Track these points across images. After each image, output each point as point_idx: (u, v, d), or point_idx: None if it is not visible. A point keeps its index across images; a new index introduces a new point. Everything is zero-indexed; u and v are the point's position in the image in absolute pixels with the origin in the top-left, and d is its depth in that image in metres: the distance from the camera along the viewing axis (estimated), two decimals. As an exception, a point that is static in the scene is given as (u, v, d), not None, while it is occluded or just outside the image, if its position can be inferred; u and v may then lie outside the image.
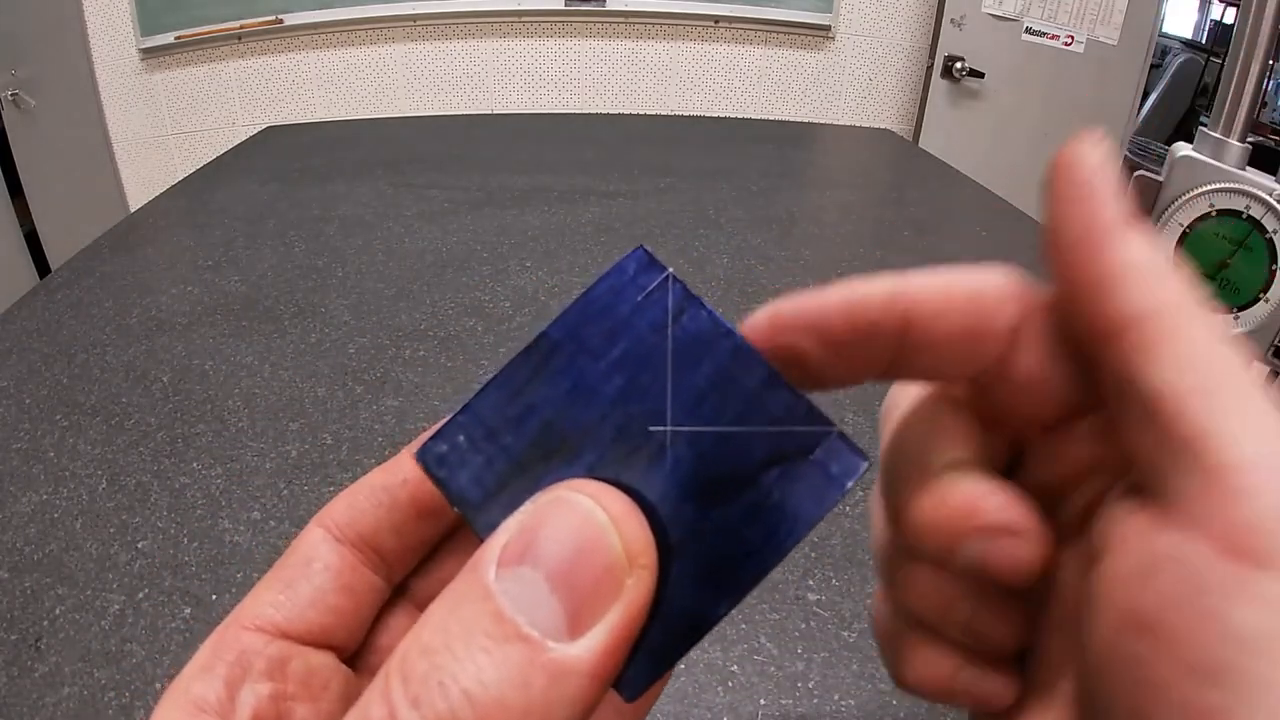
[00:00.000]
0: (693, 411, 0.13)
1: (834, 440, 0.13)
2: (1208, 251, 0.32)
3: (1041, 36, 2.09)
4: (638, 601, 0.12)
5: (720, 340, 0.13)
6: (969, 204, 0.95)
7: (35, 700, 0.29)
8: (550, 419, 0.14)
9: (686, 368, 0.13)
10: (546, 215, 0.81)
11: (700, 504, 0.13)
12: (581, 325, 0.14)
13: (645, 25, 2.23)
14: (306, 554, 0.15)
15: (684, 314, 0.14)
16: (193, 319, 0.58)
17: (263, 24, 2.10)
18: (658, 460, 0.13)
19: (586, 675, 0.11)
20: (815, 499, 0.13)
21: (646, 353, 0.13)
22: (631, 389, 0.13)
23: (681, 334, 0.13)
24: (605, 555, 0.11)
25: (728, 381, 0.13)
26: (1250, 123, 0.32)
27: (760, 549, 0.13)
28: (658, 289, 0.14)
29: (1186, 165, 0.32)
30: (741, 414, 0.13)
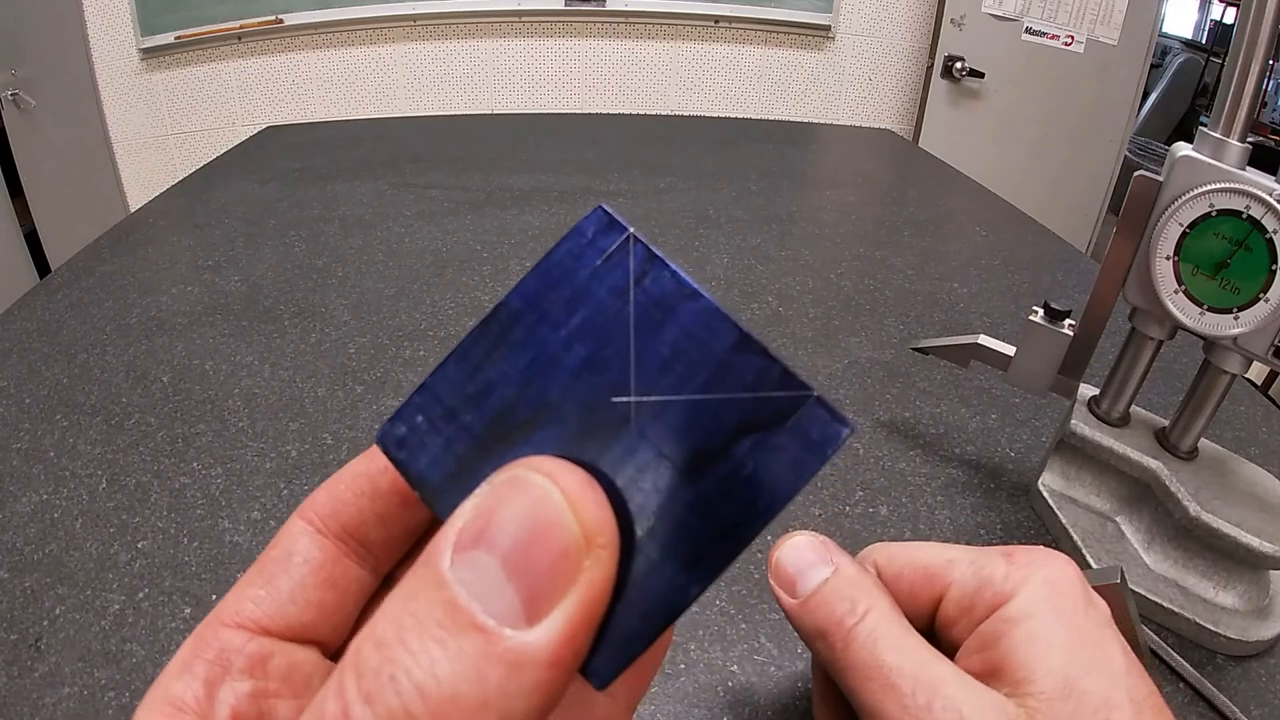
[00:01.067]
0: (658, 380, 0.12)
1: (812, 405, 0.12)
2: (1208, 251, 0.32)
3: (1041, 36, 2.09)
4: (597, 584, 0.11)
5: (685, 302, 0.12)
6: (969, 204, 0.95)
7: (35, 700, 0.29)
8: (511, 395, 0.13)
9: (650, 334, 0.12)
10: (546, 215, 0.81)
11: (668, 479, 0.12)
12: (540, 293, 0.13)
13: (645, 25, 2.23)
14: (287, 547, 0.15)
15: (646, 276, 0.12)
16: (193, 319, 0.58)
17: (263, 24, 2.10)
18: (622, 434, 0.12)
19: (545, 664, 0.10)
20: (793, 470, 0.12)
21: (608, 320, 0.13)
22: (594, 359, 0.12)
23: (644, 298, 0.12)
24: (561, 537, 0.11)
25: (695, 346, 0.12)
26: (1250, 123, 0.32)
27: (735, 525, 0.12)
28: (618, 250, 0.13)
29: (1186, 165, 0.32)
30: (710, 381, 0.12)
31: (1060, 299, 0.39)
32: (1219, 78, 0.47)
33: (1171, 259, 0.33)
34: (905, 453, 0.45)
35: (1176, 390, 0.53)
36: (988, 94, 2.17)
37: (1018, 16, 2.09)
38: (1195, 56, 3.65)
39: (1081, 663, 0.18)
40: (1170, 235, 0.32)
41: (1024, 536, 0.39)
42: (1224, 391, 0.35)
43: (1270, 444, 0.48)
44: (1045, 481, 0.40)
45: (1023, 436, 0.47)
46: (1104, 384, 0.39)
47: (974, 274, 0.71)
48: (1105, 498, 0.39)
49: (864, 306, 0.63)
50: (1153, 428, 0.39)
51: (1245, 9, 0.31)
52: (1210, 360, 0.35)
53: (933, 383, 0.52)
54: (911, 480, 0.43)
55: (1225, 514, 0.33)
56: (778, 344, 0.57)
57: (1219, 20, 3.82)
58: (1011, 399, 0.51)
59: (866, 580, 0.21)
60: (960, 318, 0.62)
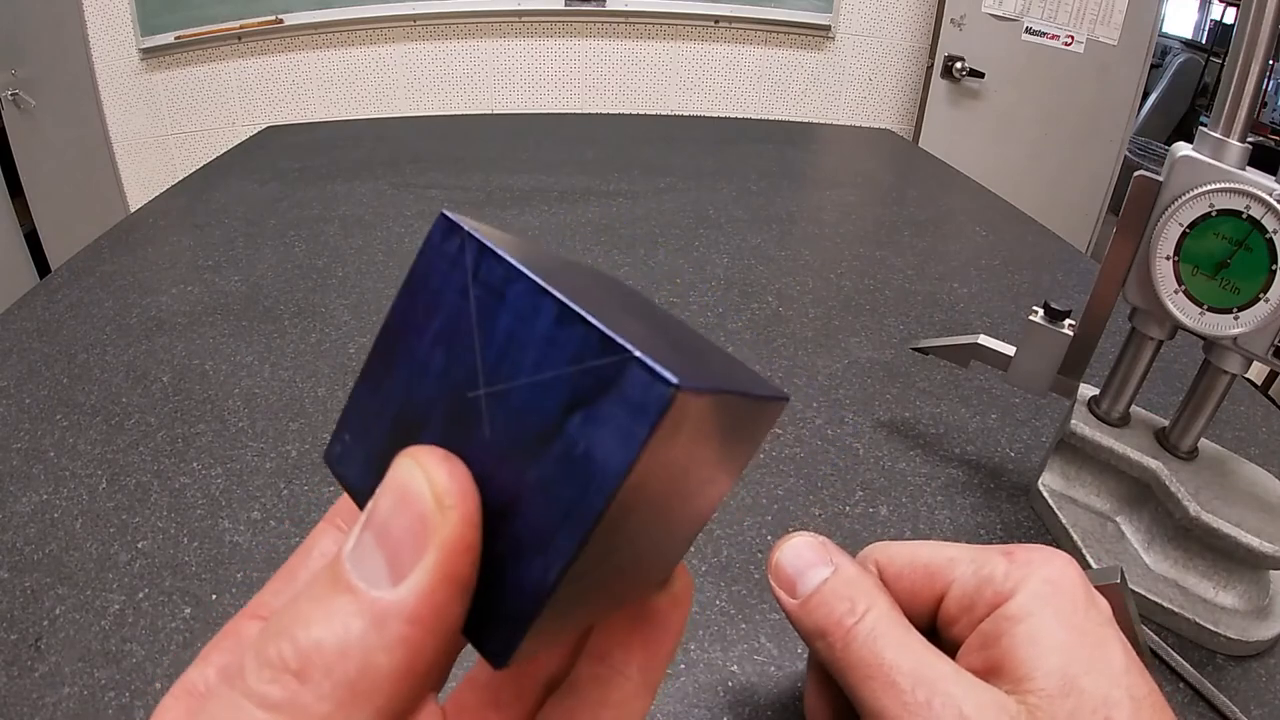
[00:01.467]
0: (498, 369, 0.13)
1: (633, 369, 0.11)
2: (1208, 251, 0.32)
3: (1041, 36, 2.09)
4: (450, 543, 0.12)
5: (512, 285, 0.13)
6: (969, 204, 0.95)
7: (35, 700, 0.29)
8: (400, 405, 0.14)
9: (489, 324, 0.13)
10: (546, 215, 0.81)
11: (516, 464, 0.12)
12: (407, 306, 0.14)
13: (645, 25, 2.23)
14: (310, 545, 0.16)
15: (481, 269, 0.13)
16: (193, 319, 0.58)
17: (263, 24, 2.10)
18: (477, 426, 0.13)
19: (405, 619, 0.11)
20: (623, 440, 0.11)
21: (456, 319, 0.13)
22: (451, 359, 0.13)
23: (481, 290, 0.13)
24: (416, 504, 0.12)
25: (524, 327, 0.12)
26: (1250, 123, 0.32)
27: (575, 504, 0.12)
28: (459, 251, 0.13)
29: (1186, 165, 0.32)
30: (539, 360, 0.12)
31: (1060, 299, 0.39)
32: (1219, 78, 0.47)
33: (1171, 259, 0.33)
34: (905, 453, 0.45)
35: (1176, 390, 0.53)
36: (988, 94, 2.17)
37: (1018, 16, 2.09)
38: (1195, 56, 3.65)
39: (1081, 661, 0.18)
40: (1170, 235, 0.32)
41: (1024, 536, 0.39)
42: (1224, 391, 0.35)
43: (1270, 444, 0.48)
44: (1045, 481, 0.40)
45: (1023, 436, 0.47)
46: (1104, 384, 0.39)
47: (974, 274, 0.71)
48: (1105, 498, 0.39)
49: (864, 306, 0.63)
50: (1153, 428, 0.39)
51: (1245, 9, 0.31)
52: (1210, 360, 0.35)
53: (933, 383, 0.52)
54: (911, 480, 0.43)
55: (1225, 514, 0.33)
56: (778, 344, 0.57)
57: (1219, 20, 3.82)
58: (1011, 399, 0.51)
59: (866, 580, 0.21)
60: (960, 318, 0.62)
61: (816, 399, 0.50)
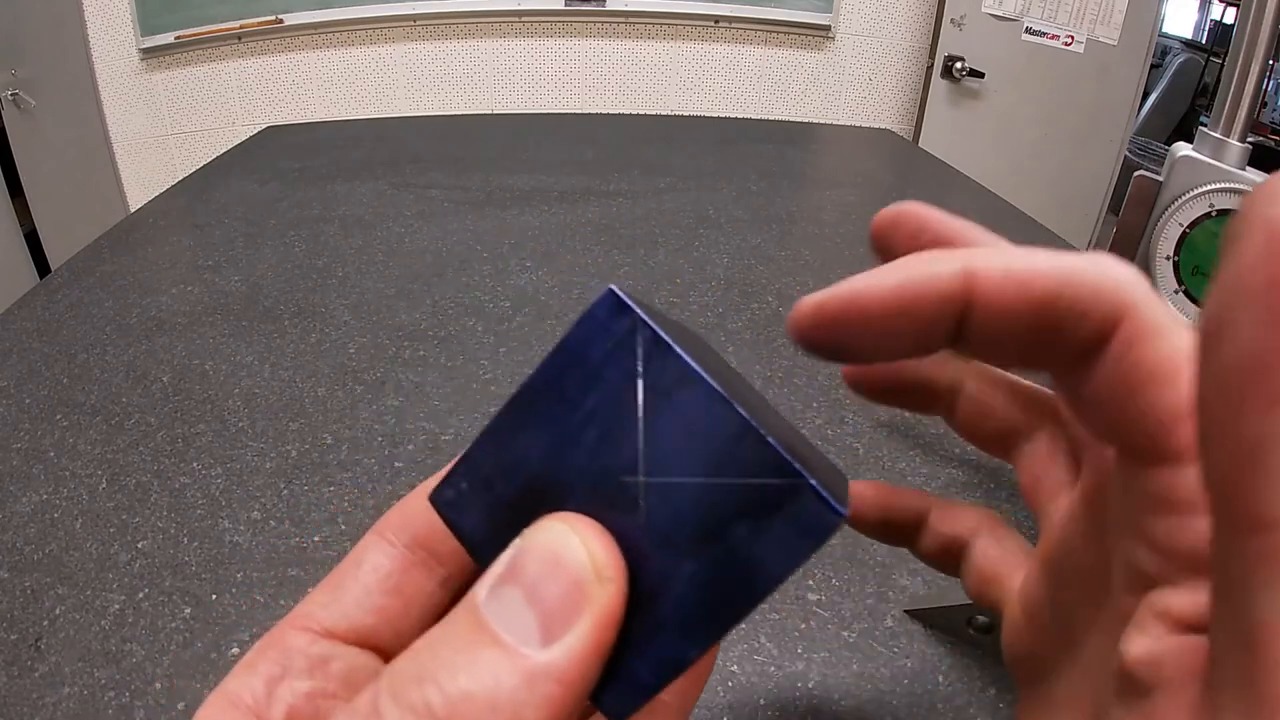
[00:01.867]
0: (664, 463, 0.13)
1: (806, 494, 0.13)
2: (1208, 251, 0.32)
3: (1041, 36, 2.09)
4: (605, 612, 0.12)
5: (689, 387, 0.13)
6: (969, 204, 0.95)
7: (35, 700, 0.29)
8: (535, 470, 0.14)
9: (658, 417, 0.13)
10: (546, 215, 0.81)
11: (672, 555, 0.13)
12: (558, 375, 0.14)
13: (645, 25, 2.23)
14: (358, 557, 0.16)
15: (653, 361, 0.13)
16: (193, 319, 0.58)
17: (263, 24, 2.10)
18: (632, 511, 0.13)
19: (556, 680, 0.11)
20: (785, 554, 0.13)
21: (618, 402, 0.13)
22: (606, 440, 0.13)
23: (652, 381, 0.13)
24: (574, 570, 0.12)
25: (699, 431, 0.13)
26: (1250, 123, 0.32)
27: (728, 603, 0.13)
28: (627, 334, 0.13)
29: (1186, 165, 0.32)
30: (713, 465, 0.13)
31: (1060, 299, 0.39)
32: (1219, 78, 0.47)
33: (1171, 259, 0.33)
34: (905, 453, 0.45)
35: (1176, 390, 0.53)
36: (988, 94, 2.17)
37: (1018, 16, 2.09)
38: (1195, 56, 3.65)
39: None
40: (1170, 235, 0.33)
41: (1024, 536, 0.39)
42: (1224, 391, 0.35)
43: (1270, 444, 0.48)
44: (1045, 481, 0.40)
45: (1023, 436, 0.47)
46: (1104, 384, 0.39)
47: (974, 274, 0.71)
48: (1105, 498, 0.39)
49: (864, 306, 0.63)
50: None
51: (1245, 9, 0.31)
52: (1210, 360, 0.35)
53: (933, 383, 0.53)
54: (911, 480, 0.43)
55: (1225, 514, 0.33)
56: (778, 344, 0.57)
57: (1219, 20, 3.82)
58: (1011, 399, 0.51)
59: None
60: (960, 318, 0.62)
61: (816, 399, 0.50)
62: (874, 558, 0.37)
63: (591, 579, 0.12)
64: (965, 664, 0.32)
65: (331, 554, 0.36)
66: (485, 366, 0.53)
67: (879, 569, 0.36)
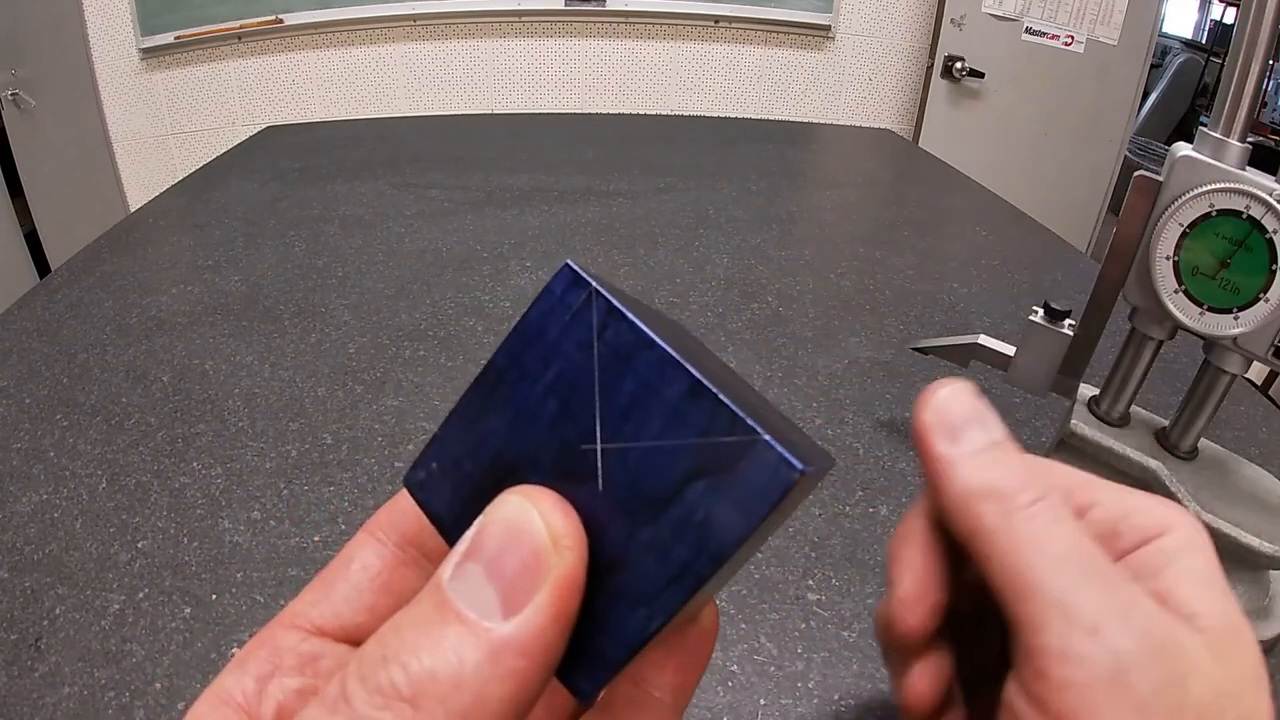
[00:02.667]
0: (619, 428, 0.13)
1: (760, 449, 0.12)
2: (1208, 251, 0.32)
3: (1041, 36, 2.09)
4: (564, 580, 0.12)
5: (642, 352, 0.13)
6: (969, 204, 0.95)
7: (35, 700, 0.29)
8: (500, 446, 0.14)
9: (612, 384, 0.13)
10: (546, 215, 0.81)
11: (630, 522, 0.13)
12: (520, 351, 0.14)
13: (645, 25, 2.23)
14: (349, 555, 0.16)
15: (608, 329, 0.13)
16: (193, 319, 0.58)
17: (263, 24, 2.10)
18: (590, 480, 0.13)
19: (518, 652, 0.12)
20: (742, 513, 0.12)
21: (575, 373, 0.14)
22: (565, 411, 0.14)
23: (605, 350, 0.13)
24: (532, 541, 0.12)
25: (651, 394, 0.13)
26: (1250, 123, 0.32)
27: (687, 566, 0.13)
28: (583, 306, 0.14)
29: (1186, 165, 0.32)
30: (664, 427, 0.13)
31: (1060, 299, 0.39)
32: (1219, 78, 0.47)
33: (1171, 259, 0.33)
34: (905, 453, 0.45)
35: (1176, 390, 0.53)
36: (988, 94, 2.17)
37: (1018, 16, 2.09)
38: (1195, 56, 3.65)
39: (1239, 610, 0.17)
40: (1170, 235, 0.32)
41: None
42: (1224, 391, 0.35)
43: (1270, 444, 0.48)
44: (1045, 481, 0.40)
45: (1023, 436, 0.47)
46: (1104, 384, 0.39)
47: (974, 274, 0.71)
48: (1105, 498, 0.39)
49: (864, 306, 0.63)
50: (1153, 428, 0.39)
51: (1245, 9, 0.31)
52: (1210, 360, 0.35)
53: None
54: (912, 480, 0.43)
55: (1225, 514, 0.33)
56: (778, 344, 0.57)
57: (1219, 20, 3.82)
58: (1011, 399, 0.51)
59: (1042, 462, 0.19)
60: (960, 318, 0.62)
61: (816, 399, 0.50)
62: (874, 558, 0.37)
63: (549, 549, 0.12)
64: (965, 664, 0.32)
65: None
66: (485, 366, 0.53)
67: (879, 569, 0.36)
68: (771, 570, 0.36)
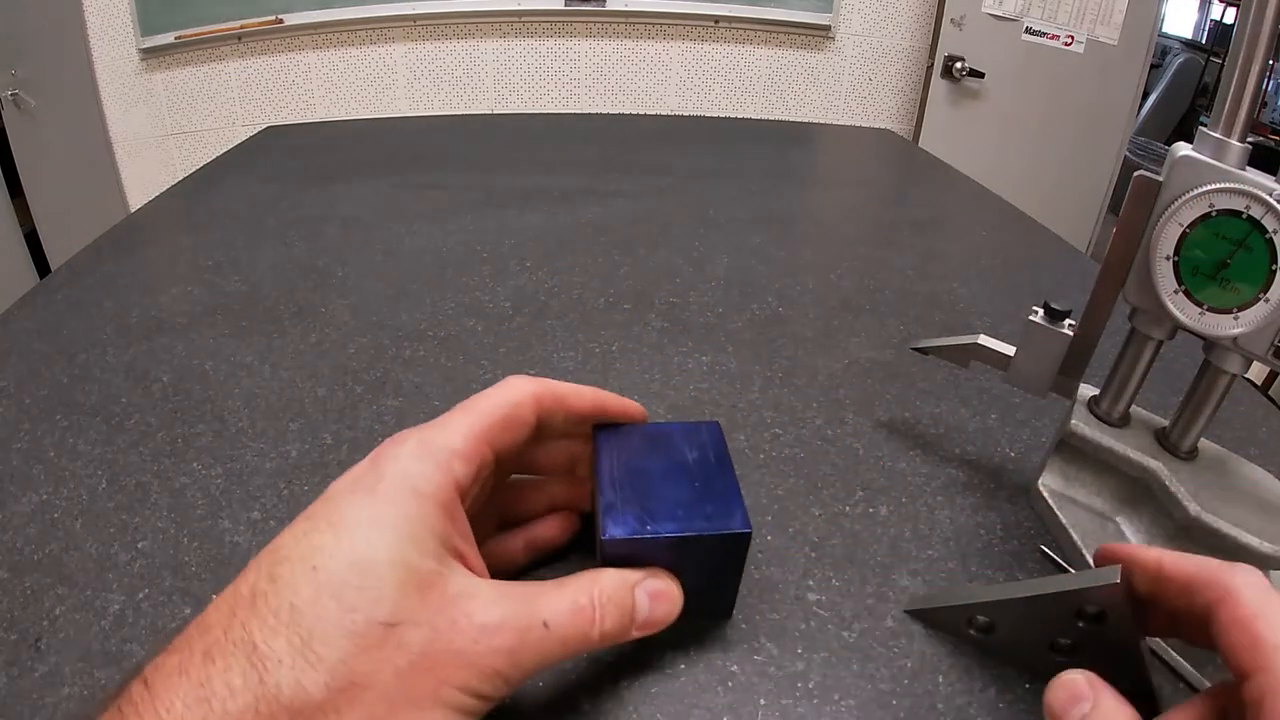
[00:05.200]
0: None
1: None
2: (1208, 251, 0.32)
3: (1041, 36, 2.09)
4: (649, 627, 0.28)
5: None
6: (969, 204, 0.95)
7: (35, 700, 0.29)
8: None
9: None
10: (546, 215, 0.81)
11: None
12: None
13: (645, 25, 2.23)
14: (513, 415, 0.29)
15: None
16: (193, 319, 0.58)
17: (263, 24, 2.10)
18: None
19: (638, 627, 0.28)
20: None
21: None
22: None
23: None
24: (673, 604, 0.29)
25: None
26: (1250, 123, 0.32)
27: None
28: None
29: (1186, 165, 0.32)
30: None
31: (1060, 299, 0.39)
32: (1219, 78, 0.47)
33: (1171, 259, 0.33)
34: (905, 453, 0.45)
35: (1176, 390, 0.53)
36: (988, 94, 2.17)
37: (1018, 16, 2.09)
38: (1195, 56, 3.65)
39: None
40: (1170, 235, 0.32)
41: (1024, 536, 0.39)
42: (1224, 391, 0.35)
43: (1270, 444, 0.48)
44: (1045, 481, 0.40)
45: (1023, 436, 0.47)
46: (1104, 384, 0.39)
47: (974, 274, 0.71)
48: (1105, 498, 0.39)
49: (864, 306, 0.63)
50: (1153, 428, 0.39)
51: (1245, 9, 0.31)
52: (1210, 360, 0.35)
53: (933, 383, 0.52)
54: (911, 480, 0.43)
55: (1225, 514, 0.33)
56: (778, 344, 0.57)
57: (1219, 20, 3.82)
58: (1011, 399, 0.51)
59: (1123, 710, 0.23)
60: (960, 318, 0.62)
61: (816, 399, 0.50)
62: (874, 558, 0.37)
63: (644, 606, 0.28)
64: (965, 664, 0.32)
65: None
66: (485, 366, 0.53)
67: (879, 569, 0.36)
68: (771, 570, 0.36)
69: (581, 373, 0.52)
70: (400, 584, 0.22)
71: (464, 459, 0.26)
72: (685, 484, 0.30)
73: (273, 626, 0.20)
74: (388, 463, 0.25)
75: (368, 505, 0.23)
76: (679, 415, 0.48)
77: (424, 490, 0.24)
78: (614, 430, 0.33)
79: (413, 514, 0.23)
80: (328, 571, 0.21)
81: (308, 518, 0.24)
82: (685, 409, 0.48)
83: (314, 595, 0.21)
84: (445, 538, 0.24)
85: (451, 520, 0.24)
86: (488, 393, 0.29)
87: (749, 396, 0.50)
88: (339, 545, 0.22)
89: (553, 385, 0.30)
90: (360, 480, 0.24)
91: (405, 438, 0.26)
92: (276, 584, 0.21)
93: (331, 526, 0.23)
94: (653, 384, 0.51)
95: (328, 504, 0.24)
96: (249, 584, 0.22)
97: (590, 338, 0.57)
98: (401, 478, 0.24)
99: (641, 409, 0.34)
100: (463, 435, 0.26)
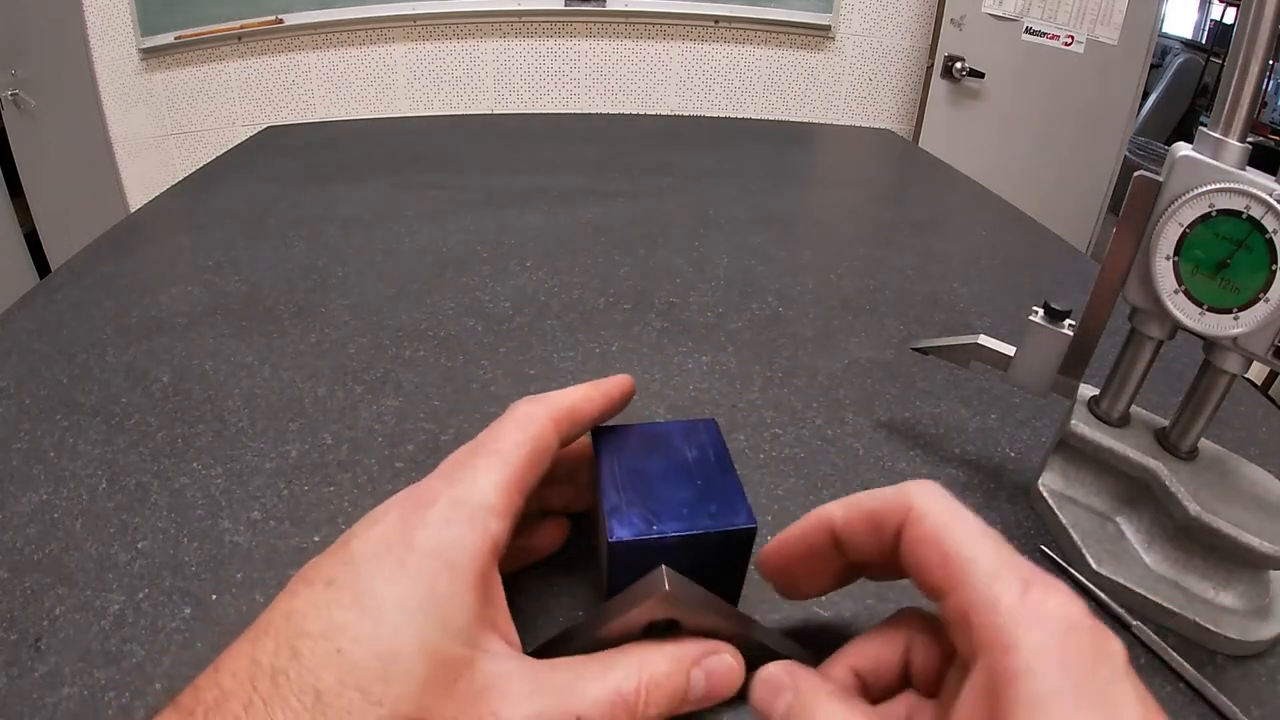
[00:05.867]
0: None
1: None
2: (1208, 251, 0.32)
3: (1041, 36, 2.09)
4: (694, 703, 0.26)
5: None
6: (969, 204, 0.95)
7: (35, 700, 0.29)
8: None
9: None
10: (546, 215, 0.81)
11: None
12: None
13: (645, 25, 2.23)
14: (544, 446, 0.28)
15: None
16: (193, 319, 0.58)
17: (263, 24, 2.10)
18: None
19: (689, 701, 0.26)
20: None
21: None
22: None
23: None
24: (730, 680, 0.27)
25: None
26: (1250, 123, 0.32)
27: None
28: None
29: (1186, 165, 0.32)
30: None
31: (1060, 299, 0.39)
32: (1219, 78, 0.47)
33: (1171, 259, 0.33)
34: (905, 453, 0.45)
35: (1176, 390, 0.53)
36: (988, 94, 2.17)
37: (1018, 16, 2.09)
38: (1195, 56, 3.65)
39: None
40: (1170, 235, 0.32)
41: (1024, 536, 0.39)
42: (1224, 391, 0.35)
43: (1270, 444, 0.48)
44: (1045, 481, 0.40)
45: (1023, 436, 0.47)
46: (1104, 384, 0.39)
47: (974, 274, 0.71)
48: (1105, 498, 0.39)
49: (864, 306, 0.63)
50: (1153, 428, 0.39)
51: (1245, 9, 0.31)
52: (1210, 360, 0.35)
53: (933, 383, 0.52)
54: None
55: (1225, 514, 0.33)
56: (778, 344, 0.57)
57: (1219, 20, 3.82)
58: (1011, 399, 0.51)
59: (825, 688, 0.24)
60: (960, 318, 0.62)
61: (816, 399, 0.50)
62: (874, 558, 0.37)
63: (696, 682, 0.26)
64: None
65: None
66: (485, 367, 0.53)
67: (879, 569, 0.36)
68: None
69: (581, 373, 0.52)
70: (426, 679, 0.21)
71: (499, 515, 0.24)
72: (687, 483, 0.30)
73: (296, 711, 0.20)
74: (417, 530, 0.23)
75: (395, 582, 0.22)
76: (679, 415, 0.48)
77: (458, 561, 0.23)
78: (612, 432, 0.33)
79: (443, 592, 0.22)
80: (352, 659, 0.20)
81: (329, 583, 0.22)
82: (685, 409, 0.48)
83: (338, 684, 0.20)
84: (478, 613, 0.23)
85: (485, 588, 0.23)
86: (504, 431, 0.27)
87: (749, 396, 0.50)
88: (363, 627, 0.21)
89: (560, 401, 0.29)
90: (389, 548, 0.23)
91: (434, 498, 0.24)
92: (299, 662, 0.20)
93: (357, 603, 0.22)
94: (653, 384, 0.51)
95: (352, 570, 0.22)
96: (268, 655, 0.21)
97: (590, 338, 0.57)
98: (434, 549, 0.23)
99: (629, 377, 0.33)
100: (495, 488, 0.25)
